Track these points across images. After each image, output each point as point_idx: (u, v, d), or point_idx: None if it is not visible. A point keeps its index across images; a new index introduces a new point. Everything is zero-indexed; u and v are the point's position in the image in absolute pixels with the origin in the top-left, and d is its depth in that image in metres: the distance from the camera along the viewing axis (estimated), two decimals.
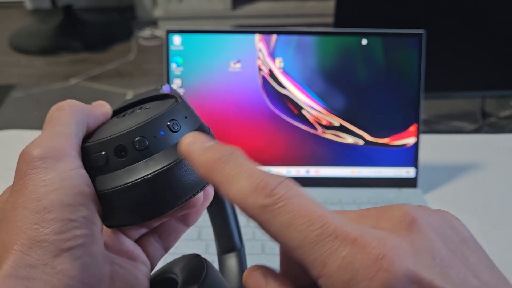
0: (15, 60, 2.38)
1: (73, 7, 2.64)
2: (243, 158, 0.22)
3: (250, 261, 0.56)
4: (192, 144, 0.23)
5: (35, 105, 1.92)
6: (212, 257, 0.40)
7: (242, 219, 0.69)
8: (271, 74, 0.66)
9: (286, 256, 0.23)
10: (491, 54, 1.11)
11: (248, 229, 0.60)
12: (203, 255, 0.32)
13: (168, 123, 0.27)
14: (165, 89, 0.31)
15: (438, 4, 1.06)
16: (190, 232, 0.60)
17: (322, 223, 0.19)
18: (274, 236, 0.20)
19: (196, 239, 0.59)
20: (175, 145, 0.26)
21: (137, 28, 2.68)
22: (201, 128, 0.29)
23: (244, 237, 0.59)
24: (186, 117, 0.28)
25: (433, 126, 1.69)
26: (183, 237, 0.64)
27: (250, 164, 0.21)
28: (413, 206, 0.21)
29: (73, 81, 2.16)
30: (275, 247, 0.58)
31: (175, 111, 0.27)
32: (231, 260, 0.39)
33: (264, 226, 0.20)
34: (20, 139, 0.26)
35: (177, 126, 0.27)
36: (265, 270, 0.22)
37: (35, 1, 2.98)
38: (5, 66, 2.33)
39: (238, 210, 0.38)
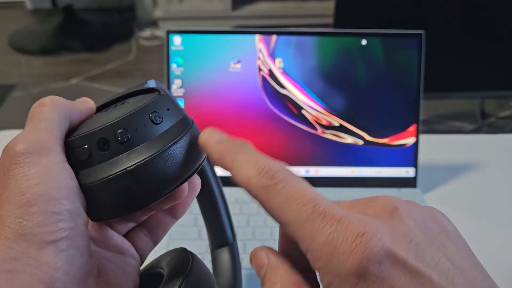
0: (15, 60, 2.38)
1: (73, 7, 2.64)
2: (252, 149, 0.25)
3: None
4: (209, 137, 0.27)
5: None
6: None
7: (237, 216, 0.68)
8: (271, 74, 0.66)
9: (284, 237, 0.25)
10: (490, 54, 1.12)
11: (248, 228, 0.60)
12: (203, 254, 0.32)
13: (150, 115, 0.27)
14: (150, 84, 0.32)
15: (438, 4, 1.06)
16: (189, 232, 0.60)
17: (313, 204, 0.21)
18: (273, 212, 0.23)
19: (196, 238, 0.59)
20: (158, 137, 0.27)
21: (138, 29, 2.68)
22: (184, 120, 0.29)
23: (244, 236, 0.59)
24: (168, 109, 0.28)
25: (433, 126, 1.69)
26: (183, 235, 0.65)
27: (257, 154, 0.25)
28: (397, 198, 0.24)
29: (73, 81, 2.16)
30: (274, 246, 0.58)
31: (157, 104, 0.28)
32: (224, 255, 0.39)
33: (264, 204, 0.23)
34: None
35: (159, 118, 0.27)
36: (267, 250, 0.25)
37: (35, 1, 2.98)
38: (5, 66, 2.33)
39: (230, 206, 0.39)
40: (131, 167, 0.25)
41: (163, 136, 0.27)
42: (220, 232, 0.39)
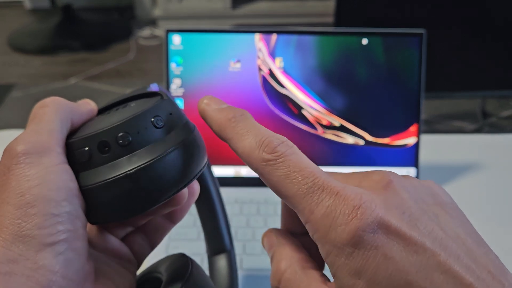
0: (14, 60, 2.37)
1: (72, 6, 2.64)
2: (252, 120, 0.25)
3: (250, 262, 0.56)
4: (208, 104, 0.26)
5: (34, 105, 1.91)
6: None
7: (237, 217, 0.68)
8: (271, 73, 0.65)
9: (286, 212, 0.27)
10: (492, 53, 1.11)
11: (248, 229, 0.60)
12: (201, 255, 0.31)
13: (152, 119, 0.27)
14: (152, 87, 0.31)
15: (438, 4, 1.06)
16: (189, 232, 0.60)
17: (313, 178, 0.22)
18: (273, 186, 0.23)
19: (196, 239, 0.58)
20: (159, 141, 0.26)
21: (137, 28, 2.68)
22: (186, 125, 0.28)
23: (244, 237, 0.59)
24: (171, 114, 0.28)
25: (434, 126, 1.69)
26: (183, 237, 0.64)
27: (258, 125, 0.25)
28: (392, 172, 0.24)
29: (72, 80, 2.16)
30: None
31: (160, 108, 0.27)
32: (221, 262, 0.39)
33: (265, 177, 0.23)
34: None
35: (161, 122, 0.27)
36: (276, 231, 0.27)
37: (34, 0, 2.98)
38: (4, 66, 2.33)
39: (229, 207, 0.38)
40: (131, 171, 0.25)
41: (165, 141, 0.26)
42: (217, 239, 0.38)
